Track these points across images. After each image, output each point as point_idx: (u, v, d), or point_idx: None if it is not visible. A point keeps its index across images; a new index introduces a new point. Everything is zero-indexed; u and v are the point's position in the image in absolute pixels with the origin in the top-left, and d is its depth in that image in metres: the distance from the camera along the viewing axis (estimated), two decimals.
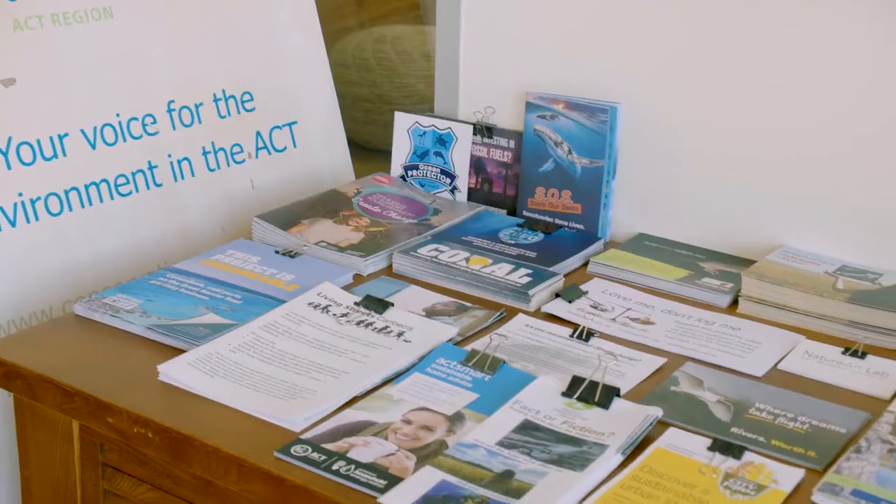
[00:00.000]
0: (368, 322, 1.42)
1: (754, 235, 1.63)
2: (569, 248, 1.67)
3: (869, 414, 1.23)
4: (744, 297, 1.50)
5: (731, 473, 1.13)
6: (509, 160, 1.80)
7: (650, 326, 1.46)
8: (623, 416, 1.22)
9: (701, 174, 1.67)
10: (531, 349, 1.39)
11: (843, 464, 1.13)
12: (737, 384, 1.31)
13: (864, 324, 1.40)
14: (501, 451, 1.16)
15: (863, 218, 1.54)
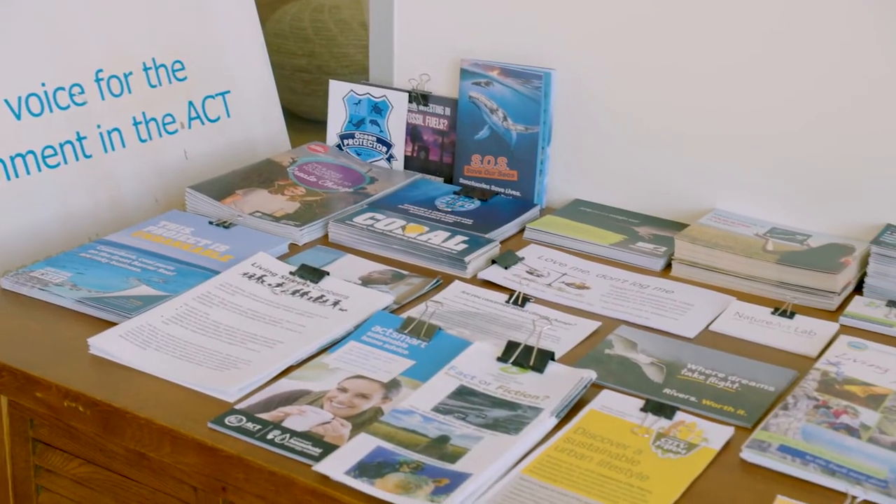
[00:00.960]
0: (304, 291, 1.42)
1: (687, 200, 1.65)
2: (505, 215, 1.67)
3: (796, 372, 1.26)
4: (677, 261, 1.52)
5: (663, 433, 1.15)
6: (445, 128, 1.80)
7: (585, 291, 1.47)
8: (557, 379, 1.23)
9: (635, 140, 1.68)
10: (467, 315, 1.40)
11: (770, 421, 1.15)
12: (669, 346, 1.33)
13: (793, 284, 1.43)
14: (437, 416, 1.17)
15: (792, 181, 1.57)
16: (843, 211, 1.53)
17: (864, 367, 1.25)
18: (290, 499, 1.08)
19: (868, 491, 1.04)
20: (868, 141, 1.50)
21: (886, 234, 1.45)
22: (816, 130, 1.53)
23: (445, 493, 1.04)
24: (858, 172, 1.51)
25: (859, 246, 1.48)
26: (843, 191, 1.53)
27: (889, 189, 1.49)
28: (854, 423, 1.14)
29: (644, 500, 1.05)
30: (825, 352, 1.30)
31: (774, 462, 1.09)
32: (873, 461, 1.08)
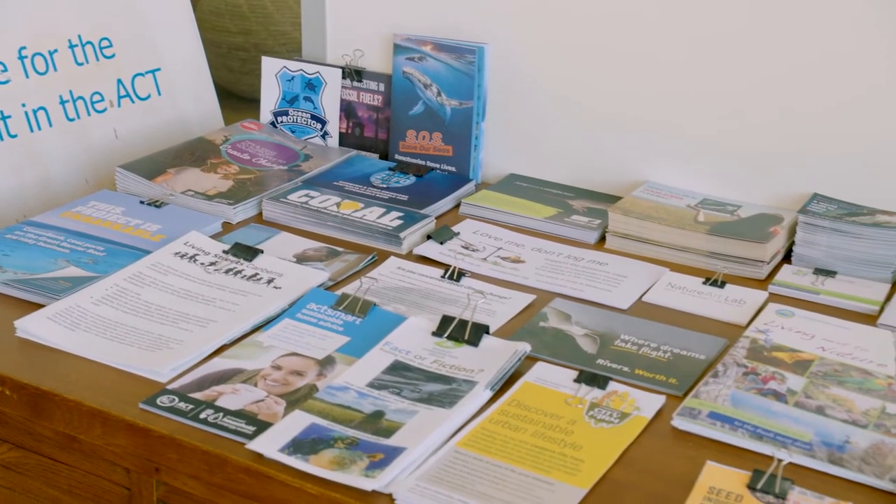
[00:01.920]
0: (237, 270, 1.40)
1: (621, 173, 1.66)
2: (441, 191, 1.67)
3: (727, 340, 1.28)
4: (610, 233, 1.53)
5: (596, 403, 1.16)
6: (380, 104, 1.79)
7: (520, 265, 1.48)
8: (492, 352, 1.23)
9: (569, 114, 1.69)
10: (403, 291, 1.40)
11: (701, 388, 1.17)
12: (603, 317, 1.34)
13: (723, 254, 1.45)
14: (371, 392, 1.16)
15: (723, 153, 1.59)
16: (773, 181, 1.56)
17: (792, 333, 1.28)
18: (223, 477, 1.07)
19: (793, 454, 1.06)
20: (795, 113, 1.52)
21: (813, 203, 1.48)
22: (746, 104, 1.55)
23: (380, 468, 1.04)
24: (787, 144, 1.54)
25: (788, 216, 1.51)
26: (772, 162, 1.55)
27: (816, 159, 1.52)
28: (781, 389, 1.17)
29: (577, 469, 1.06)
30: (754, 320, 1.32)
31: (704, 428, 1.11)
32: (799, 425, 1.11)
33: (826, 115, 1.50)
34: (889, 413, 1.12)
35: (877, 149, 1.47)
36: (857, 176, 1.49)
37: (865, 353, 1.23)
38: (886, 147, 1.47)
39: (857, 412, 1.13)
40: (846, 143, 1.49)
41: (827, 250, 1.43)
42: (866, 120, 1.47)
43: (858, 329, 1.29)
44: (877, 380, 1.18)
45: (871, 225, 1.41)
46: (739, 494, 1.02)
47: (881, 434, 1.09)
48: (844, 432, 1.09)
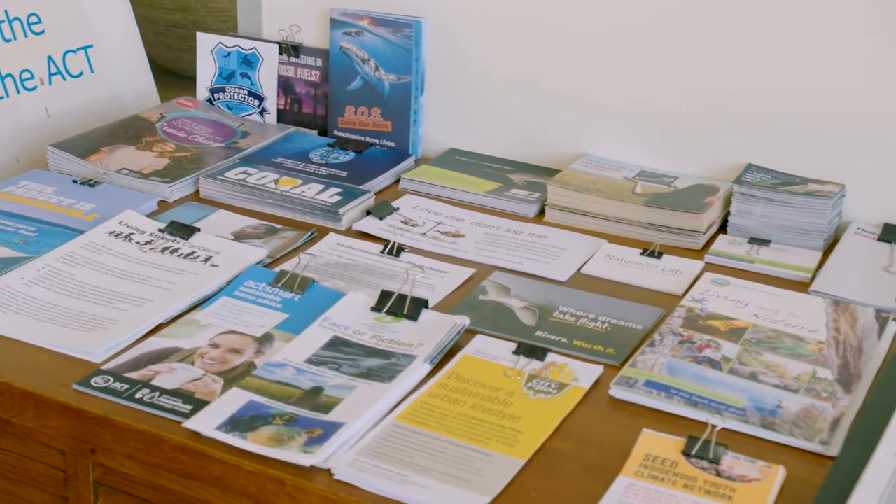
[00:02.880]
0: (174, 249, 1.39)
1: (560, 146, 1.67)
2: (380, 166, 1.66)
3: (663, 310, 1.29)
4: (549, 206, 1.53)
5: (535, 374, 1.17)
6: (318, 79, 1.77)
7: (460, 239, 1.48)
8: (431, 326, 1.24)
9: (508, 88, 1.69)
10: (342, 267, 1.39)
11: (638, 358, 1.18)
12: (542, 289, 1.35)
13: (660, 225, 1.47)
14: (310, 368, 1.16)
15: (660, 125, 1.60)
16: (709, 153, 1.57)
17: (727, 302, 1.29)
18: (160, 457, 1.06)
19: (727, 419, 1.08)
20: (729, 86, 1.53)
21: (748, 173, 1.50)
22: (682, 77, 1.56)
23: (318, 444, 1.04)
24: (722, 115, 1.55)
25: (723, 186, 1.52)
26: (708, 133, 1.57)
27: (750, 130, 1.54)
28: (716, 357, 1.18)
29: (515, 440, 1.07)
30: (690, 289, 1.34)
31: (641, 397, 1.12)
32: (733, 391, 1.12)
33: (759, 87, 1.52)
34: (819, 377, 1.14)
35: (809, 119, 1.49)
36: (790, 146, 1.51)
37: (798, 319, 1.25)
38: (819, 117, 1.49)
39: (788, 377, 1.15)
40: (780, 113, 1.51)
41: (761, 220, 1.45)
42: (799, 91, 1.49)
43: (791, 296, 1.31)
44: (808, 345, 1.20)
45: (803, 194, 1.43)
46: (674, 461, 1.03)
47: (811, 398, 1.11)
48: (776, 397, 1.11)
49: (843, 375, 1.15)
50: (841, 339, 1.21)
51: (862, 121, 1.46)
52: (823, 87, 1.48)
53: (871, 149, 1.47)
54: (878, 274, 1.35)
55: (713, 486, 1.00)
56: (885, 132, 1.45)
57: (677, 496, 0.99)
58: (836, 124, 1.48)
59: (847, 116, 1.47)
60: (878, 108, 1.45)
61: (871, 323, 1.23)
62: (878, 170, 1.47)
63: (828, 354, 1.18)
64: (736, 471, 1.02)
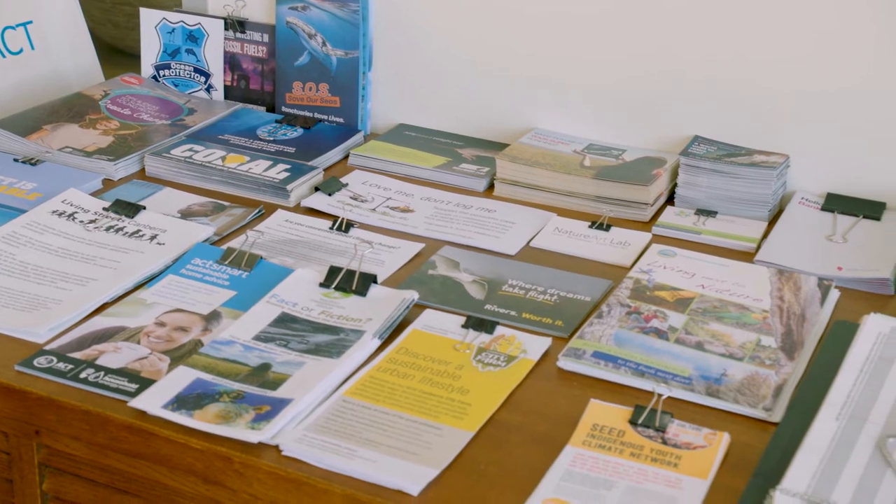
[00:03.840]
0: (119, 227, 1.37)
1: (509, 120, 1.67)
2: (329, 142, 1.65)
3: (611, 281, 1.30)
4: (499, 180, 1.53)
5: (484, 347, 1.17)
6: (264, 55, 1.75)
7: (409, 214, 1.47)
8: (380, 301, 1.23)
9: (456, 62, 1.68)
10: (290, 244, 1.38)
11: (586, 329, 1.19)
12: (491, 263, 1.35)
13: (609, 198, 1.47)
14: (258, 345, 1.15)
15: (608, 98, 1.60)
16: (657, 125, 1.58)
17: (673, 272, 1.30)
18: (106, 437, 1.05)
19: (673, 388, 1.09)
20: (677, 59, 1.54)
21: (694, 145, 1.51)
22: (629, 50, 1.57)
23: (266, 420, 1.03)
24: (669, 88, 1.56)
25: (671, 158, 1.53)
26: (655, 106, 1.58)
27: (696, 102, 1.55)
28: (663, 327, 1.19)
29: (464, 412, 1.07)
30: (638, 261, 1.35)
31: (588, 368, 1.13)
32: (679, 360, 1.14)
33: (706, 60, 1.52)
34: (763, 345, 1.16)
35: (755, 91, 1.51)
36: (736, 118, 1.52)
37: (743, 288, 1.27)
38: (764, 89, 1.50)
39: (734, 346, 1.16)
40: (726, 86, 1.52)
41: (707, 191, 1.46)
42: (745, 64, 1.50)
43: (736, 266, 1.32)
44: (753, 314, 1.22)
45: (748, 165, 1.45)
46: (622, 430, 1.04)
47: (755, 366, 1.13)
48: (722, 365, 1.13)
49: (786, 343, 1.16)
50: (784, 307, 1.23)
51: (806, 92, 1.48)
52: (768, 59, 1.49)
53: (815, 120, 1.48)
54: (821, 243, 1.37)
55: (659, 453, 1.01)
56: (828, 104, 1.47)
57: (624, 464, 1.00)
58: (781, 96, 1.49)
59: (791, 88, 1.49)
60: (821, 79, 1.47)
61: (814, 291, 1.25)
62: (821, 141, 1.48)
63: (772, 323, 1.20)
64: (682, 438, 1.03)
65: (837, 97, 1.46)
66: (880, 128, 1.45)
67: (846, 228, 1.40)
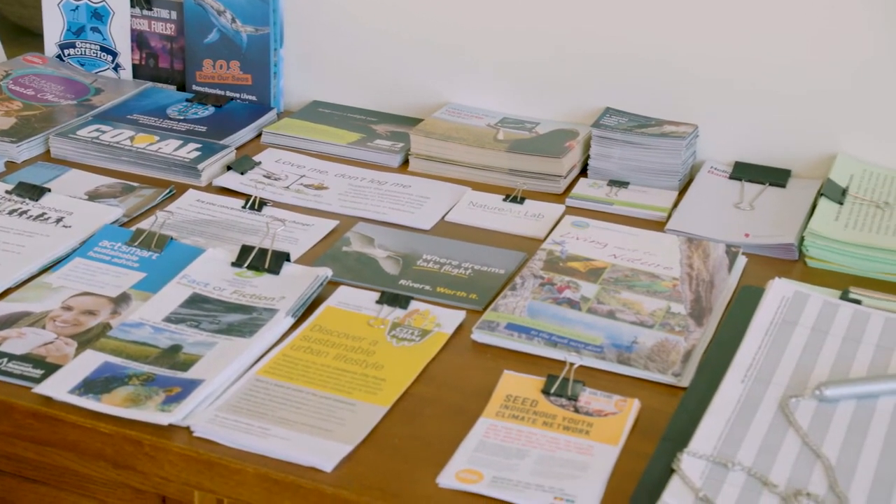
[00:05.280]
0: (22, 210, 1.33)
1: (423, 95, 1.66)
2: (241, 120, 1.63)
3: (525, 254, 1.31)
4: (413, 156, 1.53)
5: (398, 323, 1.17)
6: (173, 32, 1.72)
7: (324, 191, 1.46)
8: (293, 279, 1.22)
9: (369, 38, 1.67)
10: (202, 224, 1.36)
11: (499, 302, 1.20)
12: (406, 239, 1.35)
13: (522, 170, 1.48)
14: (168, 326, 1.14)
15: (521, 72, 1.60)
16: (569, 98, 1.59)
17: (586, 243, 1.32)
18: (11, 425, 1.03)
19: (585, 357, 1.10)
20: (588, 31, 1.55)
21: (606, 117, 1.52)
22: (542, 24, 1.57)
23: (177, 402, 1.02)
24: (581, 61, 1.57)
25: (583, 130, 1.54)
26: (568, 79, 1.58)
27: (608, 75, 1.56)
28: (575, 297, 1.21)
29: (378, 388, 1.07)
30: (552, 232, 1.35)
31: (502, 340, 1.14)
32: (591, 330, 1.15)
33: (616, 32, 1.53)
34: (673, 312, 1.18)
35: (664, 63, 1.52)
36: (646, 90, 1.54)
37: (653, 257, 1.28)
38: (673, 61, 1.52)
39: (644, 314, 1.18)
40: (637, 58, 1.53)
41: (620, 162, 1.47)
42: (654, 35, 1.52)
43: (647, 235, 1.34)
44: (663, 282, 1.23)
45: (658, 135, 1.46)
46: (535, 400, 1.05)
47: (665, 332, 1.14)
48: (632, 333, 1.14)
49: (695, 309, 1.19)
50: (694, 274, 1.25)
51: (714, 63, 1.50)
52: (677, 30, 1.51)
53: (723, 91, 1.50)
54: (729, 211, 1.40)
55: (571, 422, 1.02)
56: (735, 74, 1.49)
57: (537, 434, 1.01)
58: (690, 67, 1.51)
59: (700, 60, 1.50)
60: (728, 50, 1.49)
61: (722, 258, 1.27)
62: (729, 110, 1.51)
63: (681, 290, 1.22)
64: (593, 406, 1.04)
65: (744, 68, 1.49)
66: (785, 97, 1.48)
67: (753, 196, 1.43)
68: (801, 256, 1.30)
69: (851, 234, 1.29)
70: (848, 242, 1.27)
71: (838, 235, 1.28)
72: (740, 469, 0.92)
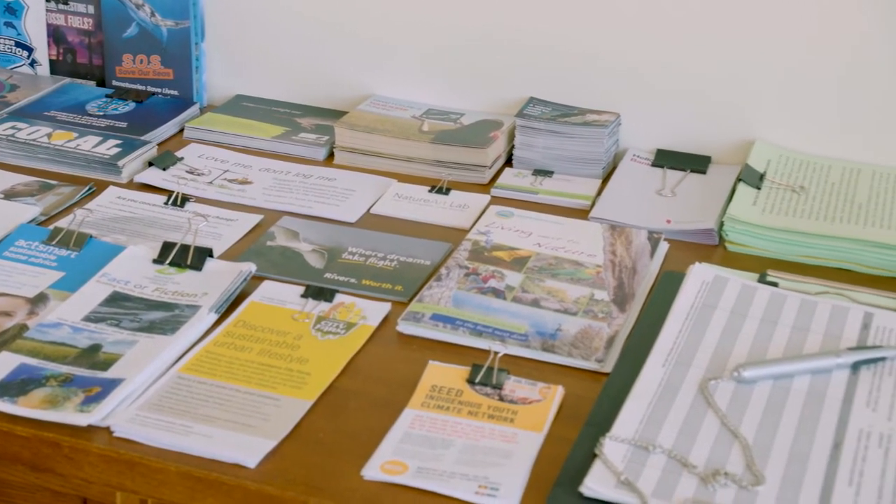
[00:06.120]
0: None
1: (347, 88, 1.65)
2: (163, 116, 1.60)
3: (451, 244, 1.31)
4: (338, 148, 1.52)
5: (323, 316, 1.16)
6: (91, 27, 1.68)
7: (248, 186, 1.45)
8: (217, 275, 1.21)
9: (292, 31, 1.65)
10: (123, 221, 1.34)
11: (425, 292, 1.20)
12: (331, 232, 1.34)
13: (448, 161, 1.48)
14: (88, 325, 1.12)
15: (446, 63, 1.60)
16: (494, 88, 1.59)
17: (511, 233, 1.32)
18: None
19: (510, 346, 1.11)
20: (511, 22, 1.55)
21: (529, 106, 1.53)
22: (464, 15, 1.57)
23: (96, 402, 1.00)
24: (505, 52, 1.57)
25: (507, 120, 1.55)
26: (492, 69, 1.58)
27: (532, 65, 1.56)
28: (500, 286, 1.21)
29: (303, 382, 1.06)
30: (477, 222, 1.36)
31: (427, 330, 1.14)
32: (516, 318, 1.15)
33: (539, 22, 1.54)
34: (596, 299, 1.19)
35: (586, 52, 1.53)
36: (569, 79, 1.55)
37: (577, 245, 1.29)
38: (595, 50, 1.53)
39: (568, 301, 1.19)
40: (559, 48, 1.54)
41: (544, 151, 1.48)
42: (576, 26, 1.53)
43: (571, 223, 1.35)
44: (586, 269, 1.25)
45: (581, 124, 1.47)
46: (460, 389, 1.05)
47: (589, 319, 1.15)
48: (557, 321, 1.15)
49: (618, 296, 1.20)
50: (617, 261, 1.26)
51: (635, 53, 1.51)
52: (598, 21, 1.52)
53: (644, 79, 1.52)
54: (651, 197, 1.42)
55: (496, 410, 1.03)
56: (656, 62, 1.51)
57: (462, 423, 1.01)
58: (612, 57, 1.52)
59: (621, 49, 1.52)
60: (649, 39, 1.50)
61: (644, 244, 1.29)
62: (650, 99, 1.52)
63: (604, 277, 1.23)
64: (518, 394, 1.05)
65: (665, 58, 1.50)
66: (705, 85, 1.50)
67: (675, 183, 1.45)
68: (722, 241, 1.32)
69: (769, 219, 1.31)
70: (765, 226, 1.30)
71: (756, 220, 1.31)
72: (661, 451, 0.93)
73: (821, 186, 1.39)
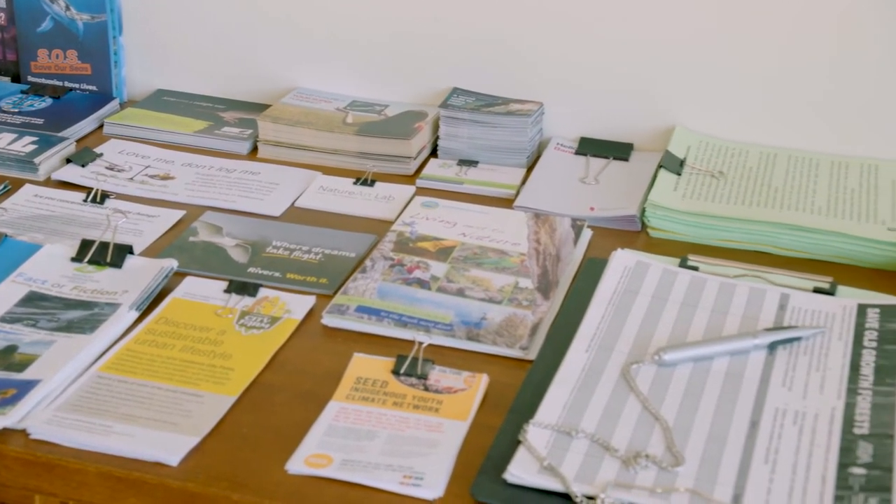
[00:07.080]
0: None
1: (270, 81, 1.64)
2: (81, 112, 1.57)
3: (376, 236, 1.30)
4: (262, 142, 1.51)
5: (247, 311, 1.15)
6: (3, 22, 1.64)
7: (170, 181, 1.43)
8: (137, 272, 1.19)
9: (213, 22, 1.63)
10: (41, 219, 1.31)
11: (350, 285, 1.19)
12: (255, 226, 1.33)
13: (372, 153, 1.47)
14: (3, 327, 1.09)
15: (369, 54, 1.60)
16: (418, 79, 1.59)
17: (436, 223, 1.32)
18: None
19: (435, 336, 1.11)
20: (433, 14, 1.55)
21: (453, 97, 1.53)
22: (386, 7, 1.56)
23: (11, 404, 0.98)
24: (428, 43, 1.57)
25: (432, 111, 1.55)
26: (416, 60, 1.58)
27: (455, 56, 1.56)
28: (425, 277, 1.21)
29: (227, 377, 1.05)
30: (402, 214, 1.36)
31: (352, 322, 1.13)
32: (441, 308, 1.16)
33: (462, 14, 1.54)
34: (521, 287, 1.19)
35: (509, 42, 1.54)
36: (492, 69, 1.55)
37: (502, 234, 1.30)
38: (517, 40, 1.53)
39: (493, 290, 1.19)
40: (482, 38, 1.54)
41: (468, 141, 1.49)
42: (497, 15, 1.53)
43: (496, 213, 1.35)
44: (511, 258, 1.25)
45: (504, 114, 1.48)
46: (385, 381, 1.05)
47: (513, 307, 1.16)
48: (481, 310, 1.15)
49: (542, 283, 1.21)
50: (541, 249, 1.27)
51: (556, 42, 1.52)
52: (519, 10, 1.52)
53: (566, 68, 1.53)
54: (574, 185, 1.43)
55: (421, 400, 1.03)
56: (578, 51, 1.52)
57: (387, 414, 1.01)
58: (534, 46, 1.53)
59: (542, 39, 1.53)
60: (569, 28, 1.51)
61: (568, 232, 1.30)
62: (573, 87, 1.53)
63: (529, 265, 1.24)
64: (443, 383, 1.05)
65: (585, 46, 1.51)
66: (625, 73, 1.51)
67: (598, 170, 1.46)
68: (644, 227, 1.34)
69: (689, 204, 1.33)
70: (685, 212, 1.31)
71: (676, 205, 1.32)
72: (583, 436, 0.94)
73: (739, 171, 1.42)
